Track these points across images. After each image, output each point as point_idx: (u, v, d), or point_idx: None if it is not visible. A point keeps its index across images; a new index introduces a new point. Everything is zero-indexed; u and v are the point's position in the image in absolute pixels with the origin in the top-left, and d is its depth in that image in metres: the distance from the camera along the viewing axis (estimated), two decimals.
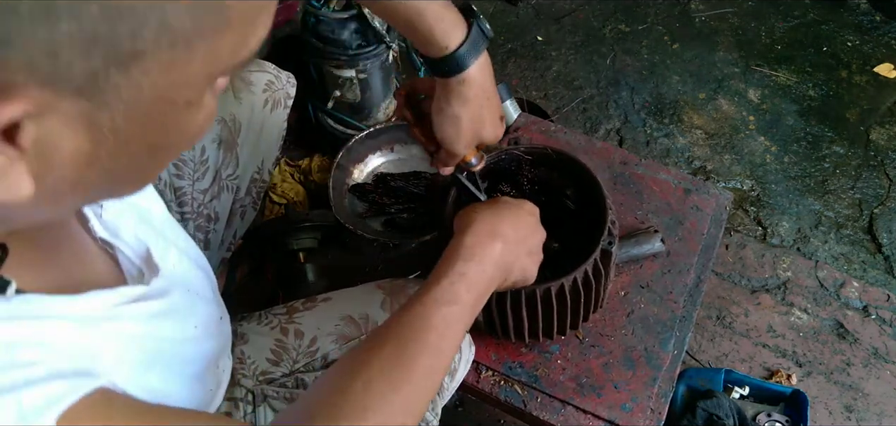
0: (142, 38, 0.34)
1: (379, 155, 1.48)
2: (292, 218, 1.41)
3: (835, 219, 1.64)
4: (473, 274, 0.66)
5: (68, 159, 0.37)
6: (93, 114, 0.35)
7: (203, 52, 0.37)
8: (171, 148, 0.43)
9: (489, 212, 0.72)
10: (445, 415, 0.87)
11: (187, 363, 0.64)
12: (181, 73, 0.37)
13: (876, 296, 1.46)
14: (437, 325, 0.61)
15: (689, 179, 1.21)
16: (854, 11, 2.17)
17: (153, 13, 0.33)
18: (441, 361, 0.61)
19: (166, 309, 0.60)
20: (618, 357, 0.99)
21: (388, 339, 0.60)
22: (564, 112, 1.87)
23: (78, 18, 0.32)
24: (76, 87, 0.34)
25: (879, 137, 1.82)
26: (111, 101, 0.35)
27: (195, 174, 1.00)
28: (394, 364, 0.58)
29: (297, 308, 0.89)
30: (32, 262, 0.48)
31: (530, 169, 0.96)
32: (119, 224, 0.61)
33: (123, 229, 0.61)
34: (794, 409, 1.14)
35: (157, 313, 0.58)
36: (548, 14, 2.16)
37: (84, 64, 0.33)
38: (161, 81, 0.36)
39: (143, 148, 0.40)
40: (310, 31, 1.43)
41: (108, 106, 0.36)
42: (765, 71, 2.00)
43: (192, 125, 0.42)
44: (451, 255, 0.67)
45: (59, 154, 0.36)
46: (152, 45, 0.34)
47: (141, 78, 0.35)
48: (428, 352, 0.59)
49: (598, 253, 0.82)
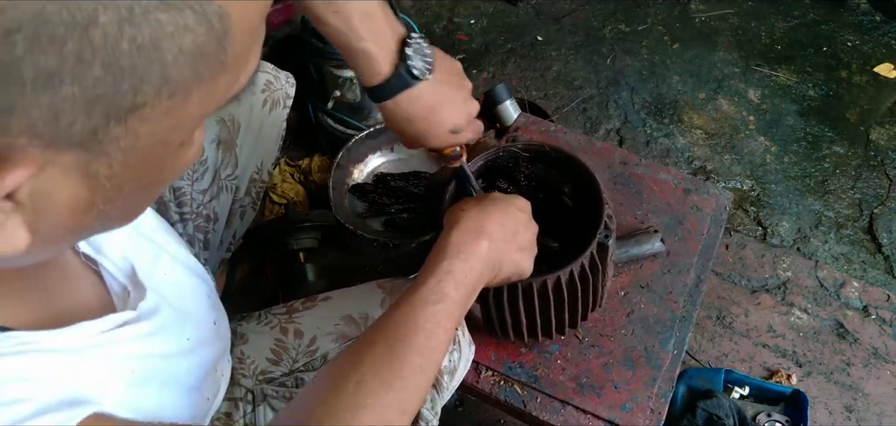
0: (143, 92, 0.34)
1: (379, 155, 1.48)
2: (292, 218, 1.41)
3: (835, 219, 1.64)
4: (460, 271, 0.66)
5: (64, 208, 0.37)
6: (90, 164, 0.35)
7: (200, 97, 0.37)
8: (162, 184, 0.43)
9: (476, 208, 0.72)
10: (445, 415, 0.87)
11: (182, 376, 0.63)
12: (178, 117, 0.37)
13: (876, 296, 1.46)
14: (425, 325, 0.61)
15: (689, 179, 1.21)
16: (854, 11, 2.17)
17: (154, 68, 0.33)
18: (431, 359, 0.61)
19: (156, 328, 0.59)
20: (618, 357, 0.99)
21: (378, 339, 0.60)
22: (564, 112, 1.87)
23: (80, 81, 0.31)
24: (76, 142, 0.34)
25: (879, 137, 1.82)
26: (109, 151, 0.35)
27: (194, 175, 1.00)
28: (385, 363, 0.58)
29: (296, 308, 0.89)
30: (16, 292, 0.47)
31: (528, 166, 0.96)
32: (103, 240, 0.60)
33: (107, 245, 0.60)
34: (794, 409, 1.14)
35: (147, 334, 0.58)
36: (548, 14, 2.16)
37: (85, 122, 0.33)
38: (158, 128, 0.36)
39: (137, 188, 0.40)
40: (310, 31, 1.43)
41: (106, 155, 0.35)
42: (765, 71, 2.00)
43: (183, 161, 0.42)
44: (437, 253, 0.68)
45: (55, 204, 0.36)
46: (153, 97, 0.34)
47: (139, 126, 0.35)
48: (417, 350, 0.60)
49: (594, 246, 0.82)
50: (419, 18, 2.09)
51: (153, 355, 0.59)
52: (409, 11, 2.06)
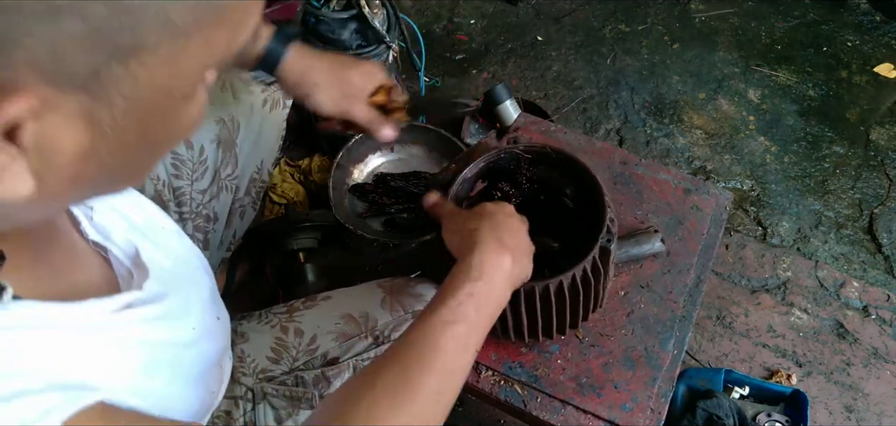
0: (143, 32, 0.34)
1: (379, 155, 1.48)
2: (292, 218, 1.41)
3: (835, 219, 1.64)
4: (482, 293, 0.65)
5: (68, 156, 0.37)
6: (93, 109, 0.36)
7: (199, 45, 0.38)
8: (166, 142, 0.43)
9: (488, 225, 0.71)
10: None
11: (187, 365, 0.63)
12: (178, 65, 0.38)
13: (876, 296, 1.46)
14: (445, 346, 0.60)
15: (689, 179, 1.21)
16: (854, 11, 2.17)
17: (155, 8, 0.34)
18: (451, 382, 0.60)
19: (162, 313, 0.59)
20: (618, 357, 0.99)
21: (394, 361, 0.59)
22: (564, 112, 1.87)
23: (82, 16, 0.32)
24: (78, 84, 0.34)
25: (879, 137, 1.82)
26: (111, 96, 0.36)
27: (194, 174, 1.00)
28: (399, 386, 0.57)
29: (297, 307, 0.90)
30: (26, 266, 0.47)
31: (529, 168, 0.96)
32: (110, 226, 0.61)
33: (114, 231, 0.61)
34: (794, 409, 1.14)
35: (154, 318, 0.58)
36: (548, 14, 2.16)
37: (87, 60, 0.33)
38: (159, 74, 0.37)
39: (140, 142, 0.40)
40: (310, 31, 1.43)
41: (108, 101, 0.36)
42: (765, 71, 2.00)
43: (186, 118, 0.42)
44: (457, 276, 0.66)
45: (60, 151, 0.37)
46: (153, 39, 0.35)
47: (140, 71, 0.36)
48: (435, 373, 0.58)
49: (596, 250, 0.82)
50: (419, 18, 2.09)
51: (161, 342, 0.59)
52: (409, 11, 2.06)
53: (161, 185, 0.98)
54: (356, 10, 1.39)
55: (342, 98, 0.91)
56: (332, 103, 0.91)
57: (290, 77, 0.89)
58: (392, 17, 1.45)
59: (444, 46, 2.04)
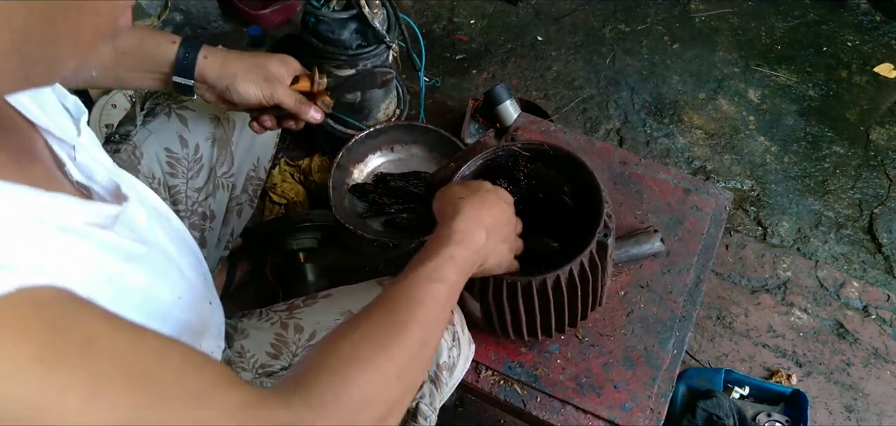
0: None
1: (379, 155, 1.48)
2: (292, 218, 1.41)
3: (835, 219, 1.64)
4: (461, 258, 0.67)
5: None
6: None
7: None
8: (79, 25, 0.42)
9: (475, 198, 0.74)
10: (445, 415, 0.87)
11: (159, 320, 0.61)
12: None
13: (876, 296, 1.46)
14: (426, 300, 0.62)
15: (688, 179, 1.21)
16: (854, 11, 2.18)
17: None
18: (430, 335, 0.61)
19: (140, 254, 0.57)
20: (617, 357, 0.99)
21: (377, 308, 0.60)
22: (564, 112, 1.87)
23: None
24: None
25: (879, 137, 1.82)
26: None
27: (189, 172, 1.00)
28: (382, 325, 0.58)
29: (297, 305, 0.90)
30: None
31: (527, 165, 0.96)
32: (92, 167, 0.59)
33: (97, 172, 0.59)
34: (794, 409, 1.14)
35: (130, 255, 0.56)
36: (548, 14, 2.16)
37: None
38: None
39: (51, 26, 0.39)
40: (310, 30, 1.43)
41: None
42: (765, 71, 2.00)
43: (101, 6, 0.42)
44: (440, 239, 0.69)
45: None
46: None
47: None
48: (417, 322, 0.60)
49: (593, 245, 0.83)
50: (419, 18, 2.09)
51: (135, 287, 0.57)
52: (409, 11, 2.06)
53: (156, 183, 0.98)
54: (356, 10, 1.39)
55: (264, 83, 0.93)
56: (256, 88, 0.92)
57: (210, 73, 0.91)
58: (392, 17, 1.45)
59: (444, 46, 2.04)
